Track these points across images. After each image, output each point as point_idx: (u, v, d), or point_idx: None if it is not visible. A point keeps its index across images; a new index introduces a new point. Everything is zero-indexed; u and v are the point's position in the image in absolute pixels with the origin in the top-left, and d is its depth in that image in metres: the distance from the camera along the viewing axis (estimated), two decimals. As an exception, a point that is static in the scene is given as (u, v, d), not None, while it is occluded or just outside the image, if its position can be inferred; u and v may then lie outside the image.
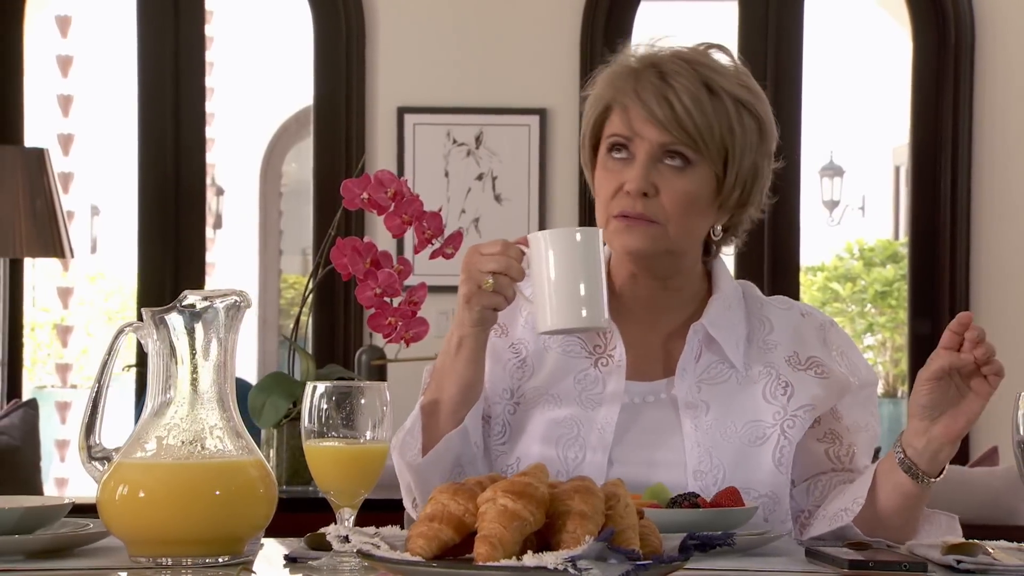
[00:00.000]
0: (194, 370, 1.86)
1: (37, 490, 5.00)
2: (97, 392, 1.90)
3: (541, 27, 5.91)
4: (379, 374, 4.67)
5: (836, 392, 2.21)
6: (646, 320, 2.23)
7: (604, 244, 2.07)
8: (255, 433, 3.62)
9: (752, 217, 2.26)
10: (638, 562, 1.52)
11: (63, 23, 10.15)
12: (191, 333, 1.86)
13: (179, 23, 6.01)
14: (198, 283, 6.00)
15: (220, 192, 12.78)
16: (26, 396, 5.82)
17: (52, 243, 5.39)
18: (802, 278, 9.55)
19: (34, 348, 11.55)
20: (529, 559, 1.51)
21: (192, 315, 1.86)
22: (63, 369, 10.46)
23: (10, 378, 5.75)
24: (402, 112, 5.90)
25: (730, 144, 2.15)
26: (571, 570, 1.48)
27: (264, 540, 2.02)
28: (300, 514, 2.77)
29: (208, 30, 8.21)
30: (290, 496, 3.57)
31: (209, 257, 10.37)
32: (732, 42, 6.05)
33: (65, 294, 10.10)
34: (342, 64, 5.93)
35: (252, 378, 3.59)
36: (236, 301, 1.87)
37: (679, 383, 2.19)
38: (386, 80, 5.93)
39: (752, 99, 2.18)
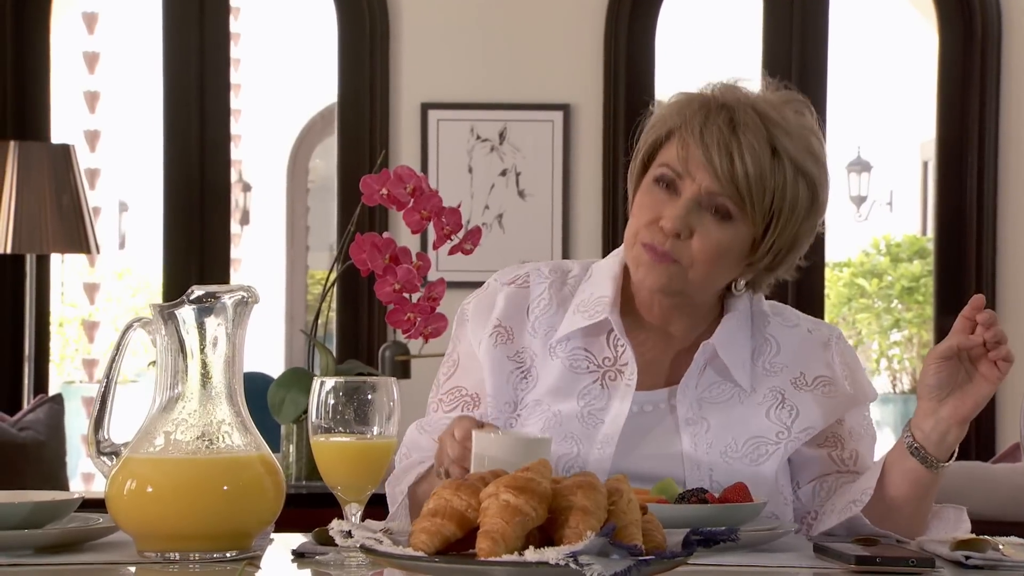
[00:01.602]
0: (204, 365, 1.87)
1: (62, 485, 5.02)
2: (106, 387, 1.91)
3: (565, 23, 5.90)
4: (403, 370, 4.67)
5: (841, 407, 2.21)
6: (659, 334, 2.22)
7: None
8: (275, 428, 3.62)
9: (779, 278, 2.23)
10: (640, 557, 1.52)
11: (89, 20, 10.19)
12: (201, 328, 1.87)
13: (204, 19, 6.01)
14: (223, 279, 6.00)
15: (247, 188, 12.82)
16: (53, 391, 5.85)
17: (78, 239, 5.41)
18: (828, 274, 9.52)
19: (62, 344, 11.59)
20: (531, 554, 1.51)
21: (201, 310, 1.86)
22: (90, 365, 10.49)
23: (37, 373, 5.77)
24: (426, 108, 5.89)
25: (778, 211, 2.12)
26: (573, 565, 1.48)
27: (276, 535, 2.02)
28: (318, 509, 2.78)
29: (234, 26, 8.23)
30: (309, 491, 3.57)
31: (236, 253, 10.40)
32: (757, 38, 6.03)
33: (92, 290, 10.13)
34: (366, 60, 5.93)
35: (278, 374, 3.61)
36: (244, 296, 1.88)
37: (680, 397, 2.18)
38: (410, 76, 5.93)
39: (814, 169, 2.15)
